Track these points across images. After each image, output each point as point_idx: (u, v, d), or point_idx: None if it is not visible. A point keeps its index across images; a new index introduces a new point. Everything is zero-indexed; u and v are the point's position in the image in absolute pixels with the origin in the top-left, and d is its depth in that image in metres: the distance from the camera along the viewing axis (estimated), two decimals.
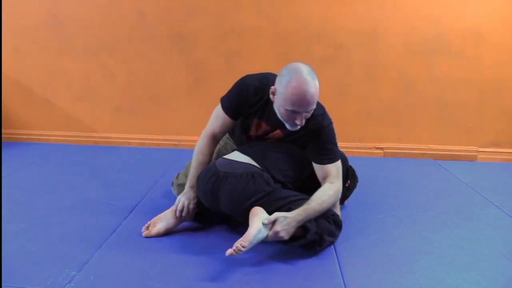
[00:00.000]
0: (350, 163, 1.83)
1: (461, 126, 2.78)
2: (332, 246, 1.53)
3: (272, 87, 1.47)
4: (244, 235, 1.32)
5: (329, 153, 1.55)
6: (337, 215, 1.54)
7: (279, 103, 1.44)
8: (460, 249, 1.54)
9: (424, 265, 1.42)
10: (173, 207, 1.61)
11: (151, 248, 1.50)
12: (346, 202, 1.91)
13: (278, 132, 1.63)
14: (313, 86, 1.39)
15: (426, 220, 1.79)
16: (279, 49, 2.73)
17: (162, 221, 1.60)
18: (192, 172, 1.64)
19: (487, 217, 1.84)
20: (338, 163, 1.57)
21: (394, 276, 1.34)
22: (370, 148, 2.87)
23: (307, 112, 1.44)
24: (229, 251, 1.28)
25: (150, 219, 1.63)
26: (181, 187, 1.93)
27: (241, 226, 1.68)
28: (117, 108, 2.98)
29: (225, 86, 1.67)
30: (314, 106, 1.44)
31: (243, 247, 1.28)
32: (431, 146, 2.84)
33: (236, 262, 1.40)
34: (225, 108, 1.63)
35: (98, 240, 1.54)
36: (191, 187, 1.62)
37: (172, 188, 2.01)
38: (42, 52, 2.90)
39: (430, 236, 1.64)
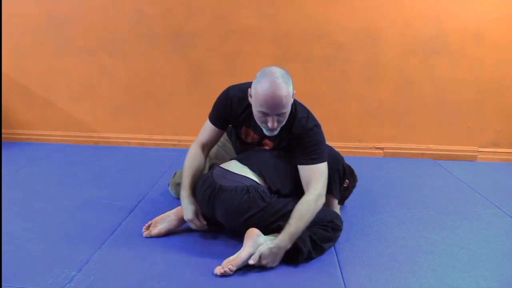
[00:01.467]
0: (350, 163, 1.83)
1: (461, 126, 2.78)
2: (332, 246, 1.53)
3: (249, 89, 1.48)
4: (234, 257, 1.35)
5: (313, 154, 1.50)
6: (336, 220, 1.52)
7: (253, 105, 1.45)
8: (460, 249, 1.54)
9: (424, 265, 1.42)
10: (175, 210, 1.61)
11: (151, 248, 1.50)
12: (345, 202, 1.91)
13: (267, 141, 1.63)
14: (283, 89, 1.38)
15: (426, 220, 1.79)
16: (279, 49, 2.73)
17: (164, 222, 1.60)
18: (186, 182, 1.59)
19: (487, 217, 1.84)
20: (322, 166, 1.50)
21: (394, 276, 1.34)
22: (370, 148, 2.87)
23: (278, 114, 1.41)
24: (219, 271, 1.32)
25: (150, 219, 1.63)
26: (178, 186, 1.94)
27: None
28: (117, 108, 2.98)
29: (225, 86, 1.67)
30: (285, 110, 1.42)
31: (231, 270, 1.32)
32: (431, 146, 2.84)
33: None
34: (211, 119, 1.67)
35: (98, 240, 1.54)
36: (187, 198, 1.56)
37: (169, 188, 2.01)
38: (42, 52, 2.91)
39: (430, 236, 1.64)
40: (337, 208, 1.71)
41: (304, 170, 1.51)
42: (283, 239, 1.37)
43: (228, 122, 1.66)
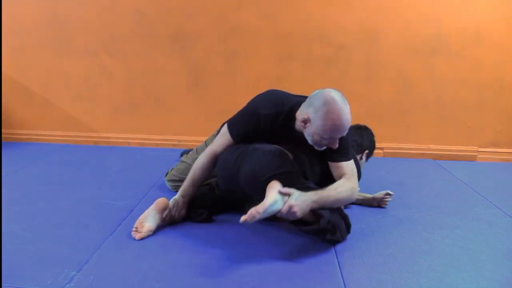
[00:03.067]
0: None
1: (460, 126, 2.78)
2: (332, 246, 1.53)
3: (304, 116, 1.48)
4: (259, 204, 1.34)
5: (342, 151, 1.57)
6: (348, 217, 1.56)
7: (314, 131, 1.46)
8: (460, 249, 1.54)
9: (424, 265, 1.42)
10: (153, 205, 1.64)
11: (150, 248, 1.50)
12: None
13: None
14: (349, 113, 1.46)
15: (426, 220, 1.79)
16: (279, 49, 2.74)
17: (148, 219, 1.60)
18: (187, 183, 1.66)
19: (487, 217, 1.84)
20: (352, 163, 1.60)
21: (394, 276, 1.34)
22: None
23: (343, 135, 1.49)
24: (244, 218, 1.30)
25: None
26: (171, 182, 2.04)
27: (242, 225, 1.69)
28: (117, 108, 2.98)
29: (225, 86, 1.67)
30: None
31: (258, 213, 1.30)
32: (431, 146, 2.84)
33: (236, 262, 1.41)
34: (234, 135, 1.62)
35: (98, 240, 1.54)
36: (183, 196, 1.66)
37: (165, 179, 2.11)
38: (42, 52, 2.91)
39: (430, 236, 1.64)
40: None
41: (336, 167, 1.58)
42: (315, 193, 1.43)
43: (250, 138, 1.62)
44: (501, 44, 2.60)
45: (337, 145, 1.48)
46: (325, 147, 1.51)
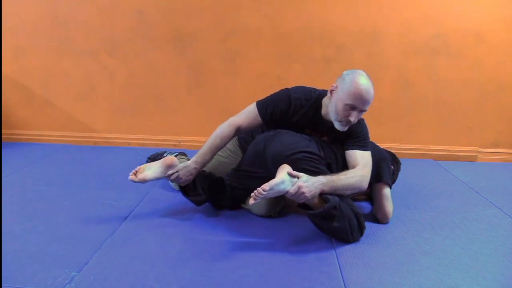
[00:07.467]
0: None
1: (461, 126, 2.78)
2: (332, 247, 1.53)
3: (333, 85, 1.59)
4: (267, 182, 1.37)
5: (358, 140, 1.64)
6: (362, 216, 1.56)
7: (339, 97, 1.54)
8: (460, 249, 1.54)
9: (424, 265, 1.42)
10: (162, 159, 1.67)
11: (150, 248, 1.50)
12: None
13: (324, 138, 1.71)
14: (372, 88, 1.54)
15: (426, 220, 1.79)
16: (279, 49, 2.73)
17: (150, 169, 1.65)
18: (203, 150, 1.68)
19: (487, 217, 1.84)
20: (367, 154, 1.63)
21: (394, 276, 1.34)
22: None
23: (363, 110, 1.54)
24: (252, 197, 1.34)
25: (150, 219, 1.64)
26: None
27: (242, 225, 1.69)
28: (117, 108, 2.98)
29: (225, 86, 1.68)
30: (367, 108, 1.55)
31: (264, 190, 1.33)
32: (431, 146, 2.84)
33: (236, 262, 1.41)
34: (263, 113, 1.69)
35: (98, 240, 1.54)
36: (196, 163, 1.67)
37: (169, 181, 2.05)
38: (42, 52, 2.91)
39: (430, 236, 1.64)
40: (388, 195, 1.74)
41: (350, 155, 1.63)
42: (324, 177, 1.48)
43: (278, 120, 1.69)
44: (501, 45, 2.60)
45: (355, 120, 1.53)
46: (346, 127, 1.56)
